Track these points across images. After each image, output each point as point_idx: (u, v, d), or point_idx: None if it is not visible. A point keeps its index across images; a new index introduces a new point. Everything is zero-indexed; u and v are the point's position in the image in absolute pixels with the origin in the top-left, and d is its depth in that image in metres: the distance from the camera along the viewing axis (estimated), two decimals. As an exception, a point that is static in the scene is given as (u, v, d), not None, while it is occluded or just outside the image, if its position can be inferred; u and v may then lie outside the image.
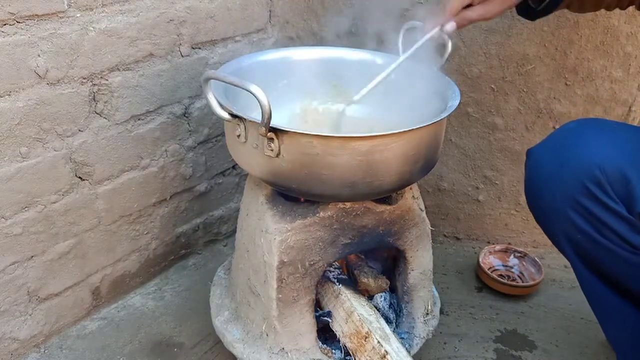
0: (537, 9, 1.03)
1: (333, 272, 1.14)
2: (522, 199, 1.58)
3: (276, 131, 0.86)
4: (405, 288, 1.15)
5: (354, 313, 1.03)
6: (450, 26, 1.01)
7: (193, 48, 1.35)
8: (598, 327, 1.33)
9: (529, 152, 1.01)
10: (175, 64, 1.32)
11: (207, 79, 0.88)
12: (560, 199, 0.92)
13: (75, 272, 1.26)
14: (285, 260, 0.98)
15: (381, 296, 1.15)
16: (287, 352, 1.03)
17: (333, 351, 1.06)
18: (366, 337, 1.00)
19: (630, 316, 1.00)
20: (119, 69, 1.20)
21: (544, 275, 1.47)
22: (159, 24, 1.25)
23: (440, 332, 1.31)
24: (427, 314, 1.17)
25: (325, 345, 1.07)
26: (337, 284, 1.10)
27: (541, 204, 0.98)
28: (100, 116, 1.20)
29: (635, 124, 1.45)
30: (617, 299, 1.00)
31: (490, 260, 1.56)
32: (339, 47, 1.25)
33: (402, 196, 1.07)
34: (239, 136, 0.92)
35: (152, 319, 1.34)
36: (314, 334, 1.05)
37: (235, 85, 0.84)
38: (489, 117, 1.50)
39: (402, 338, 1.13)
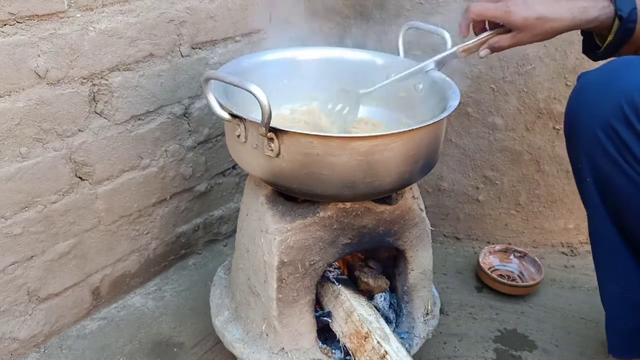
0: (598, 52, 1.03)
1: (333, 272, 1.14)
2: (522, 199, 1.58)
3: (276, 131, 0.86)
4: (405, 288, 1.15)
5: (354, 313, 1.03)
6: (485, 52, 1.03)
7: (193, 48, 1.35)
8: (598, 327, 1.33)
9: (580, 75, 0.99)
10: (176, 64, 1.32)
11: (207, 79, 0.88)
12: (594, 120, 0.91)
13: (75, 272, 1.26)
14: (285, 260, 0.98)
15: (381, 296, 1.15)
16: (287, 352, 1.03)
17: (333, 351, 1.06)
18: (366, 337, 1.00)
19: (629, 266, 1.00)
20: (119, 69, 1.20)
21: (544, 275, 1.47)
22: (159, 24, 1.25)
23: (440, 332, 1.31)
24: (427, 314, 1.17)
25: (325, 345, 1.07)
26: (337, 284, 1.10)
27: (573, 123, 0.97)
28: (100, 116, 1.20)
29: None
30: (622, 245, 0.99)
31: (490, 260, 1.56)
32: (339, 47, 1.25)
33: (402, 196, 1.07)
34: (239, 136, 0.92)
35: (152, 319, 1.34)
36: (314, 334, 1.05)
37: (235, 85, 0.84)
38: (489, 117, 1.50)
39: (402, 338, 1.13)
